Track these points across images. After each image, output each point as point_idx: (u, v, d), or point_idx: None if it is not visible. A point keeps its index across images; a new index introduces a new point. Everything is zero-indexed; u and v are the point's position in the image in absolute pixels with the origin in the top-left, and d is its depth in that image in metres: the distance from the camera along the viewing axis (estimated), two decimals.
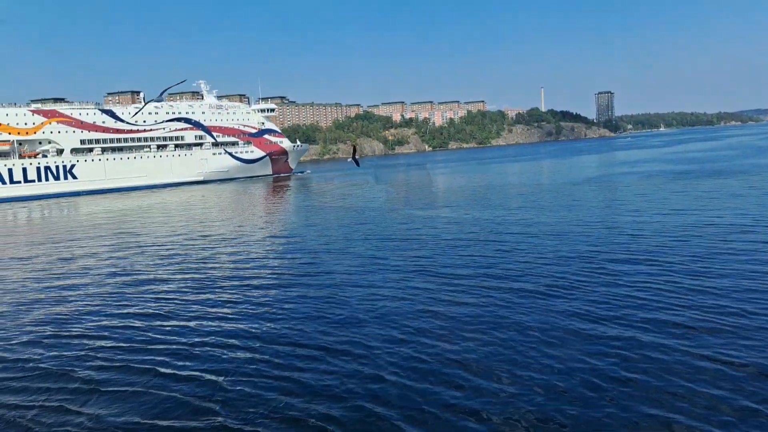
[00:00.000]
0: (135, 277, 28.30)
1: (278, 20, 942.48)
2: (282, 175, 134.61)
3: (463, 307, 19.41)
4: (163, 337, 18.36)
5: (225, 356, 16.28)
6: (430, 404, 12.67)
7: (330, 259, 29.41)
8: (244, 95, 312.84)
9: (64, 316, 21.69)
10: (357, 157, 43.52)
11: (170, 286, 25.72)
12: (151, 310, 21.74)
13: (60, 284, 27.79)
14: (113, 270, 30.44)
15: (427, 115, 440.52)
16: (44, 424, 12.81)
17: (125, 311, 21.86)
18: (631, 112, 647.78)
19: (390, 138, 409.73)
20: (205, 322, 19.71)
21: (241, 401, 13.38)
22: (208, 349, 16.92)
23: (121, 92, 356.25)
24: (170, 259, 32.27)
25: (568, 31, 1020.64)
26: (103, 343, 18.22)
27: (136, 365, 16.01)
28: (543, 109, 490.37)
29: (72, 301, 24.17)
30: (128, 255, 34.63)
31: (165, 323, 19.88)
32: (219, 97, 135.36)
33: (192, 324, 19.61)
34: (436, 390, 13.35)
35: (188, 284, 25.80)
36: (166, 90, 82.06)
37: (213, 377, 14.76)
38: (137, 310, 21.82)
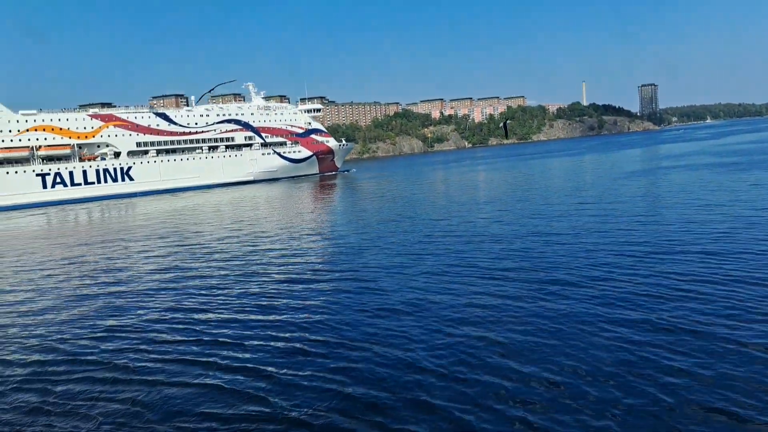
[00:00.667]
0: (188, 272, 29.20)
1: (316, 20, 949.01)
2: (328, 173, 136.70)
3: (508, 299, 19.62)
4: (213, 329, 18.85)
5: (273, 348, 16.67)
6: (477, 393, 12.81)
7: (375, 254, 29.92)
8: (285, 96, 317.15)
9: (119, 310, 22.54)
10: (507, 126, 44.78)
11: (221, 280, 26.49)
12: (202, 304, 22.42)
13: (116, 279, 29.05)
14: (166, 266, 31.39)
15: (466, 112, 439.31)
16: (100, 413, 13.21)
17: (177, 305, 22.57)
18: (675, 105, 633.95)
19: (429, 135, 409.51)
20: (254, 315, 20.21)
21: (290, 391, 13.65)
22: (257, 341, 17.32)
23: (166, 96, 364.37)
24: (221, 255, 33.34)
25: (609, 24, 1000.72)
26: (155, 335, 18.79)
27: (187, 357, 16.46)
28: (585, 103, 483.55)
29: (127, 295, 25.15)
30: (181, 252, 35.78)
31: (215, 316, 20.41)
32: (265, 98, 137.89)
33: (241, 316, 20.16)
34: (481, 379, 13.52)
35: (239, 279, 26.49)
36: (215, 87, 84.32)
37: (262, 367, 15.13)
38: (189, 304, 22.52)
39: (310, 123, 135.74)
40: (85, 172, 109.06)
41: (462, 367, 14.23)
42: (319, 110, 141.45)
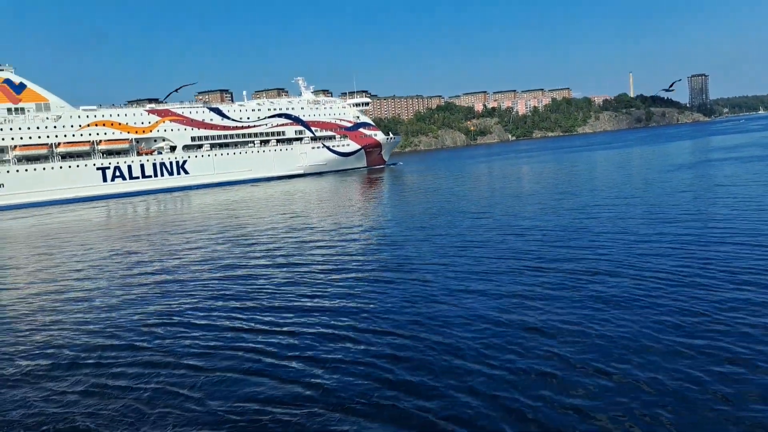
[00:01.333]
0: (238, 262, 29.82)
1: (358, 13, 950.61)
2: (376, 167, 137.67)
3: (552, 289, 19.64)
4: (262, 317, 19.22)
5: (321, 334, 16.98)
6: (521, 380, 12.87)
7: (421, 245, 30.18)
8: (328, 90, 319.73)
9: (172, 298, 23.19)
10: None
11: (271, 269, 27.00)
12: (251, 292, 22.83)
13: (170, 268, 29.98)
14: (218, 256, 32.08)
15: (510, 104, 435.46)
16: (155, 405, 13.36)
17: (227, 293, 23.04)
18: (726, 95, 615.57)
19: (472, 128, 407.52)
20: (302, 304, 20.59)
21: (338, 376, 13.90)
22: (305, 328, 17.68)
23: (211, 91, 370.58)
24: (271, 246, 33.92)
25: (657, 13, 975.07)
26: (206, 322, 19.19)
27: (237, 343, 16.78)
28: (632, 94, 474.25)
29: (181, 283, 25.83)
30: (233, 242, 36.89)
31: (264, 304, 20.67)
32: (315, 92, 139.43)
33: (289, 305, 20.53)
34: (525, 366, 13.59)
35: (288, 268, 26.94)
36: (181, 87, 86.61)
37: (311, 353, 15.46)
38: (239, 293, 22.99)
39: (358, 117, 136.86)
40: (142, 166, 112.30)
41: (506, 354, 14.41)
42: (367, 104, 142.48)
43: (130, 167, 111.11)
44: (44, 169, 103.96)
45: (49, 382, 15.09)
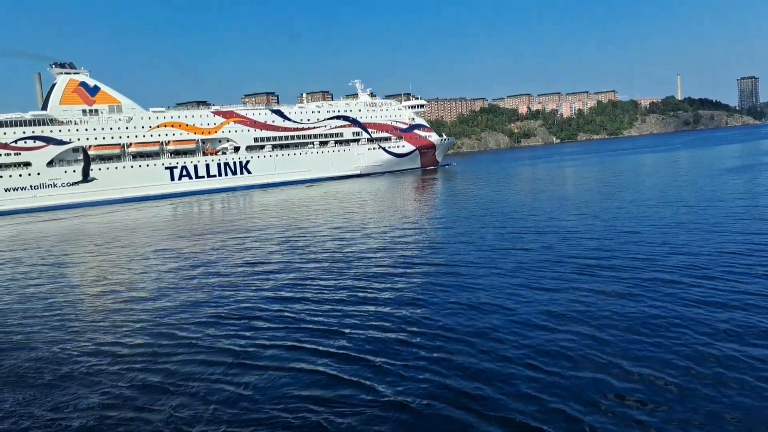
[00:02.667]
0: (293, 261, 30.33)
1: (401, 17, 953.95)
2: (429, 168, 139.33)
3: (601, 295, 19.59)
4: (313, 317, 19.48)
5: (372, 336, 17.08)
6: (570, 386, 12.90)
7: (474, 248, 30.16)
8: (373, 94, 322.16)
9: (228, 297, 23.56)
10: None
11: (325, 271, 27.25)
12: (303, 292, 23.20)
13: (229, 266, 30.71)
14: (275, 258, 32.26)
15: (554, 107, 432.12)
16: (207, 393, 13.87)
17: (280, 293, 23.50)
18: None
19: (516, 131, 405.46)
20: (353, 305, 20.79)
21: (389, 377, 14.05)
22: (356, 329, 17.85)
23: (257, 93, 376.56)
24: (327, 246, 34.57)
25: (705, 13, 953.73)
26: (259, 323, 19.51)
27: (288, 343, 17.06)
28: (679, 97, 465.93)
29: (236, 282, 26.40)
30: (290, 244, 37.14)
31: (316, 311, 20.67)
32: (380, 96, 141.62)
33: (341, 306, 20.82)
34: (573, 372, 13.60)
35: (340, 269, 27.29)
36: None
37: (360, 355, 15.67)
38: (291, 293, 23.36)
39: (413, 119, 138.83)
40: (207, 166, 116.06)
41: (554, 359, 14.39)
42: (422, 106, 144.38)
43: (196, 167, 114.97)
44: (117, 168, 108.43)
45: (105, 380, 15.45)
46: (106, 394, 14.42)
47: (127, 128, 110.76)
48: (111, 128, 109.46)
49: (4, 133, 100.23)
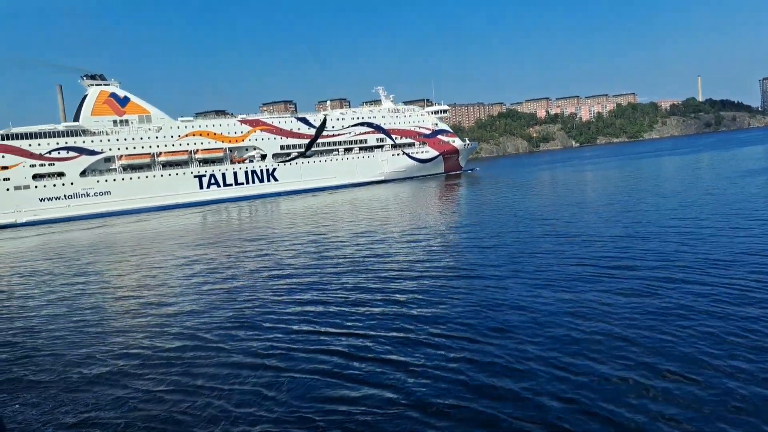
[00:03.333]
0: (320, 269, 30.42)
1: (419, 22, 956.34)
2: (453, 173, 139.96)
3: (624, 296, 19.75)
4: (341, 328, 19.32)
5: (397, 338, 17.30)
6: (598, 387, 12.96)
7: (498, 251, 30.38)
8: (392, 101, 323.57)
9: (253, 305, 23.58)
10: None
11: (350, 278, 27.22)
12: (331, 302, 23.12)
13: (255, 271, 31.26)
14: (302, 263, 32.77)
15: (573, 110, 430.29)
16: (240, 405, 13.89)
17: (306, 297, 23.91)
18: None
19: (534, 135, 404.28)
20: (378, 308, 21.00)
21: (415, 379, 14.16)
22: (381, 331, 18.05)
23: (275, 102, 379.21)
24: (351, 253, 34.63)
25: (726, 13, 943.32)
26: (285, 326, 19.73)
27: (317, 354, 16.98)
28: (700, 98, 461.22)
29: (264, 286, 26.81)
30: (316, 249, 37.78)
31: (343, 314, 20.85)
32: (396, 102, 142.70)
33: (367, 309, 21.01)
34: (604, 372, 13.68)
35: (367, 272, 27.61)
36: None
37: (387, 356, 15.86)
38: (316, 297, 23.74)
39: (437, 124, 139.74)
40: (235, 174, 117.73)
41: (579, 358, 14.49)
42: (445, 111, 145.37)
43: (224, 175, 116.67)
44: (147, 177, 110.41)
45: (138, 383, 15.70)
46: (132, 396, 14.65)
47: (156, 138, 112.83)
48: (141, 138, 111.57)
49: (39, 144, 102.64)
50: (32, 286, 33.76)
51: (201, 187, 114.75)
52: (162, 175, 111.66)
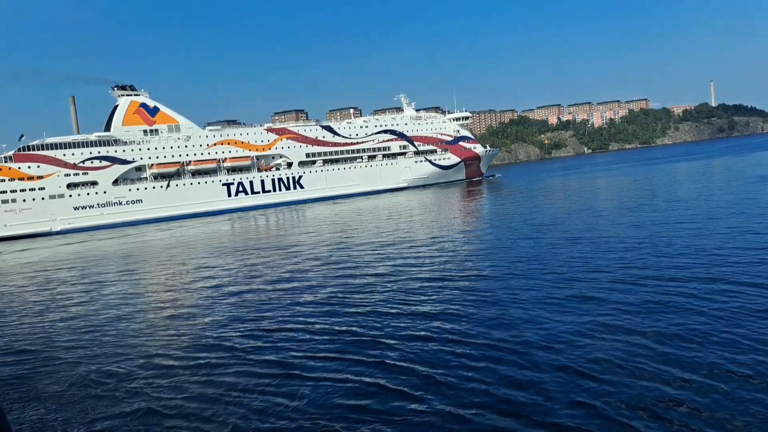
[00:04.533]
0: (340, 272, 31.18)
1: (430, 30, 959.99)
2: (474, 179, 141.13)
3: (644, 303, 19.66)
4: (362, 329, 19.67)
5: (419, 347, 17.28)
6: (618, 392, 13.01)
7: (523, 258, 30.31)
8: (399, 108, 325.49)
9: (279, 311, 23.89)
10: None
11: (372, 283, 27.63)
12: (352, 305, 23.54)
13: (280, 278, 31.78)
14: (326, 269, 33.18)
15: (585, 117, 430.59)
16: (260, 403, 14.22)
17: (326, 304, 24.06)
18: None
19: (546, 142, 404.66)
20: (401, 316, 21.08)
21: (438, 387, 14.22)
22: (404, 340, 18.11)
23: (287, 111, 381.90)
24: (375, 257, 35.22)
25: (738, 18, 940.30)
26: (306, 335, 19.85)
27: (337, 354, 17.37)
28: (713, 104, 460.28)
29: (288, 295, 27.01)
30: (340, 254, 38.52)
31: (364, 317, 21.17)
32: (419, 110, 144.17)
33: (388, 318, 21.01)
34: (620, 379, 13.74)
35: (389, 280, 27.76)
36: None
37: (408, 365, 15.92)
38: (338, 304, 23.87)
39: (458, 131, 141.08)
40: (263, 182, 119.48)
41: (605, 367, 14.47)
42: (467, 118, 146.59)
43: (251, 183, 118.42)
44: (177, 185, 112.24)
45: (153, 391, 15.83)
46: (153, 405, 14.75)
47: (186, 146, 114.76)
48: (171, 147, 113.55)
49: (73, 154, 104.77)
50: (58, 294, 34.39)
51: (229, 195, 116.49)
52: (192, 184, 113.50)
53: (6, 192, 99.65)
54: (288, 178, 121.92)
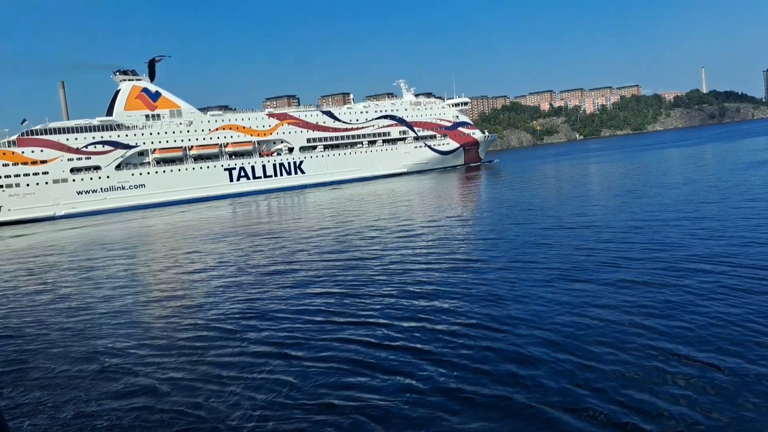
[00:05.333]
0: (341, 256, 31.11)
1: (420, 15, 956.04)
2: (472, 164, 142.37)
3: (640, 286, 19.57)
4: (363, 318, 19.21)
5: (420, 328, 17.31)
6: (620, 375, 12.83)
7: (525, 243, 30.07)
8: (392, 93, 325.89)
9: (276, 294, 23.86)
10: None
11: (372, 268, 27.40)
12: (354, 291, 23.18)
13: (283, 262, 31.55)
14: (324, 253, 33.03)
15: (577, 103, 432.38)
16: (252, 385, 14.11)
17: (331, 287, 23.93)
18: None
19: (538, 128, 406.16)
20: (404, 299, 20.89)
21: (440, 367, 14.14)
22: (405, 322, 18.06)
23: (279, 97, 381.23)
24: (377, 241, 35.35)
25: (729, 4, 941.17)
26: (309, 317, 19.73)
27: (340, 335, 17.35)
28: (704, 90, 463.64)
29: (287, 278, 26.88)
30: (340, 237, 38.88)
31: (365, 304, 20.86)
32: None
33: (390, 300, 20.99)
34: (624, 359, 13.60)
35: (392, 264, 27.64)
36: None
37: (411, 345, 15.91)
38: (341, 288, 23.68)
39: (457, 116, 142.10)
40: (264, 167, 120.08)
41: (608, 348, 14.36)
42: (466, 104, 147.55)
43: (253, 168, 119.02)
44: (179, 170, 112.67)
45: (159, 371, 15.74)
46: (149, 387, 14.68)
47: (188, 132, 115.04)
48: (173, 132, 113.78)
49: (75, 139, 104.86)
50: (57, 278, 34.32)
51: (231, 179, 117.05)
52: (194, 169, 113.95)
53: (10, 176, 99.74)
54: (289, 163, 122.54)
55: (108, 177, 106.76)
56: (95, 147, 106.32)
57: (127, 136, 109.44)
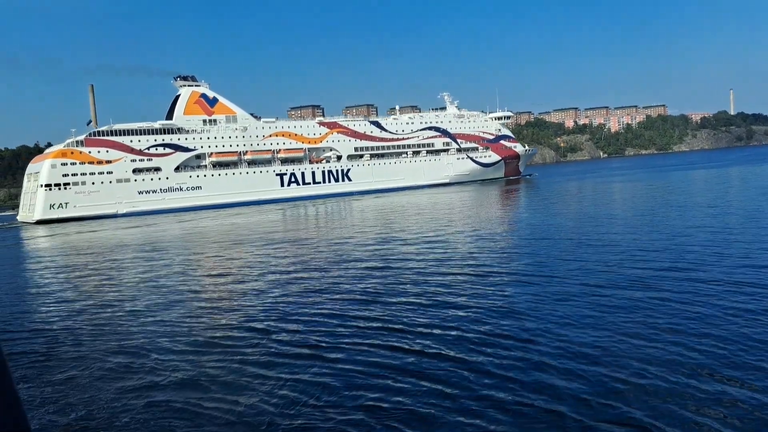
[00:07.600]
0: (378, 261, 31.70)
1: (447, 28, 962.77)
2: (512, 177, 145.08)
3: (669, 303, 19.28)
4: (394, 324, 19.28)
5: (447, 336, 17.37)
6: (644, 384, 12.92)
7: (558, 254, 30.24)
8: (416, 106, 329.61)
9: (311, 297, 24.21)
10: None
11: (409, 272, 27.98)
12: (384, 292, 23.75)
13: (320, 266, 32.27)
14: (365, 256, 33.88)
15: (602, 121, 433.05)
16: (284, 387, 14.16)
17: (362, 293, 24.23)
18: None
19: (562, 145, 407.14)
20: (432, 307, 21.16)
21: (468, 375, 14.21)
22: (434, 329, 18.17)
23: (303, 107, 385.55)
24: (418, 250, 35.56)
25: (759, 26, 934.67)
26: (341, 321, 20.02)
27: (368, 340, 17.50)
28: (732, 112, 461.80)
29: (324, 281, 27.37)
30: (381, 243, 39.54)
31: (397, 309, 21.08)
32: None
33: (419, 307, 21.23)
34: (643, 370, 13.66)
35: (425, 271, 28.01)
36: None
37: (439, 351, 16.08)
38: (372, 293, 23.99)
39: (500, 129, 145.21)
40: (313, 173, 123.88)
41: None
42: (509, 117, 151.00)
43: (303, 174, 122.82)
44: (234, 174, 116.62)
45: (178, 369, 15.89)
46: (177, 384, 14.79)
47: (243, 137, 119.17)
48: (230, 137, 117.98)
49: (139, 141, 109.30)
50: (111, 273, 36.06)
51: (282, 184, 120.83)
52: (248, 173, 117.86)
53: (77, 174, 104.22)
54: (337, 171, 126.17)
55: (167, 178, 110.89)
56: (156, 149, 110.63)
57: (186, 139, 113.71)
